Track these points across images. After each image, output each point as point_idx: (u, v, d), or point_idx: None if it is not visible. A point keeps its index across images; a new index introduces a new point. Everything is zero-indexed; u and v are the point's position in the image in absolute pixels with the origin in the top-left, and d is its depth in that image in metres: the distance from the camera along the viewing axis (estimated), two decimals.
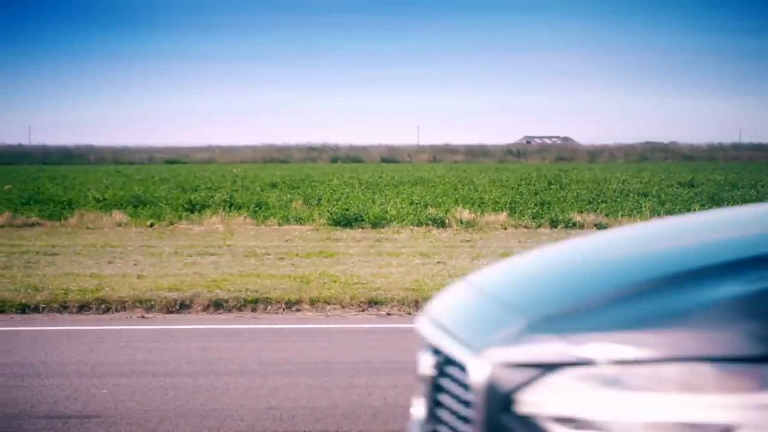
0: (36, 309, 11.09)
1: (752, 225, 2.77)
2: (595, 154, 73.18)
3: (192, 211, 22.72)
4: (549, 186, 31.67)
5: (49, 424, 6.58)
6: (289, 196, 27.13)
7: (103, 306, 11.18)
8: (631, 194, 27.13)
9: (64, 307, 11.14)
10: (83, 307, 11.14)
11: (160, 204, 24.24)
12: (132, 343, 9.37)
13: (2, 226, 20.01)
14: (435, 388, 2.43)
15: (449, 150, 76.75)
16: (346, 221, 20.29)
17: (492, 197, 25.91)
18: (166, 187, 31.45)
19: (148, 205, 23.99)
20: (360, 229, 19.58)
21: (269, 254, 15.50)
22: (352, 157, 69.93)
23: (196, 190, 29.55)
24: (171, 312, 11.09)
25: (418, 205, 23.51)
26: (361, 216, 20.72)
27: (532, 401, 2.16)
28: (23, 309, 11.07)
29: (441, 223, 20.05)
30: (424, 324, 2.65)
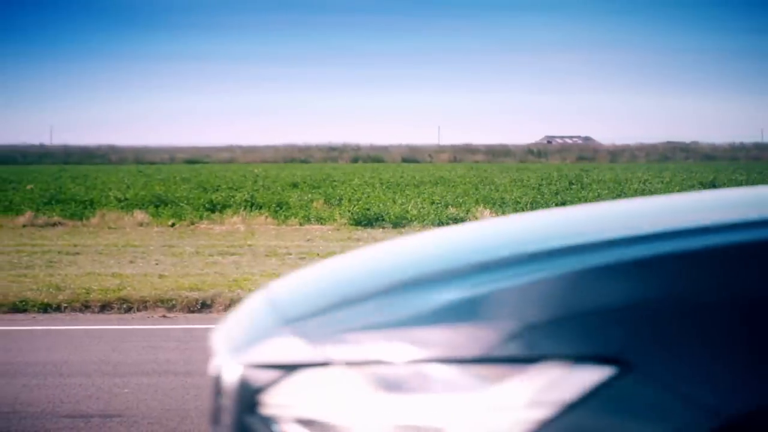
0: (58, 308, 11.12)
1: (541, 229, 2.81)
2: (616, 153, 73.02)
3: (213, 211, 22.77)
4: (570, 186, 31.60)
5: (72, 423, 6.59)
6: (310, 195, 27.15)
7: (124, 305, 11.20)
8: (653, 194, 27.05)
9: (86, 307, 11.17)
10: (105, 307, 11.17)
11: (182, 204, 24.29)
12: (154, 342, 9.38)
13: (24, 226, 20.09)
14: (216, 391, 2.46)
15: (470, 150, 76.74)
16: (367, 221, 20.29)
17: (513, 197, 25.88)
18: (187, 186, 31.51)
19: (169, 205, 24.04)
20: (381, 229, 19.57)
21: (290, 254, 15.51)
22: (373, 157, 69.99)
23: (217, 190, 29.61)
24: (192, 312, 11.10)
25: (439, 205, 23.49)
26: (382, 216, 20.71)
27: (274, 402, 2.17)
28: (45, 308, 11.10)
29: (462, 223, 20.01)
30: (216, 330, 2.69)
